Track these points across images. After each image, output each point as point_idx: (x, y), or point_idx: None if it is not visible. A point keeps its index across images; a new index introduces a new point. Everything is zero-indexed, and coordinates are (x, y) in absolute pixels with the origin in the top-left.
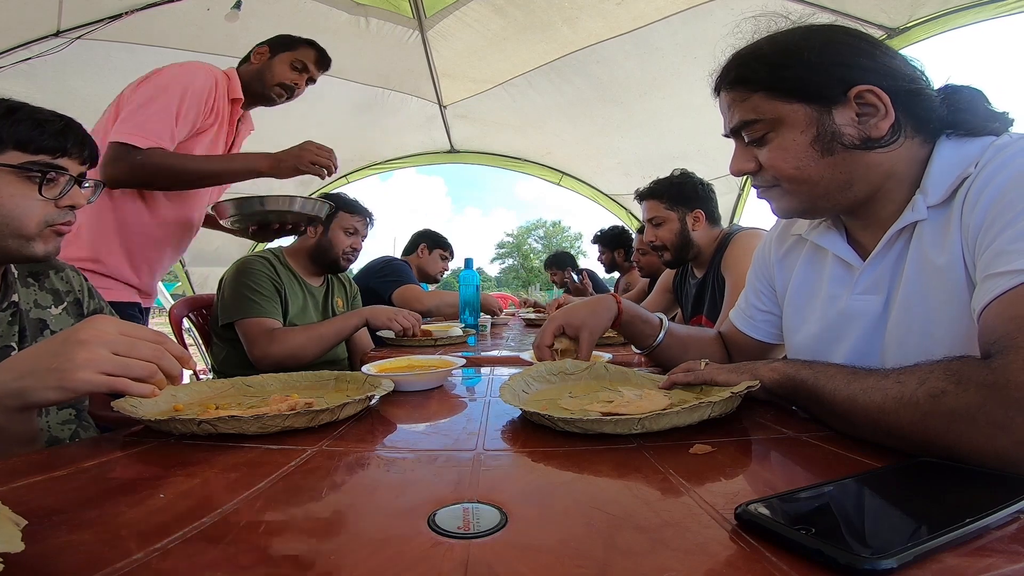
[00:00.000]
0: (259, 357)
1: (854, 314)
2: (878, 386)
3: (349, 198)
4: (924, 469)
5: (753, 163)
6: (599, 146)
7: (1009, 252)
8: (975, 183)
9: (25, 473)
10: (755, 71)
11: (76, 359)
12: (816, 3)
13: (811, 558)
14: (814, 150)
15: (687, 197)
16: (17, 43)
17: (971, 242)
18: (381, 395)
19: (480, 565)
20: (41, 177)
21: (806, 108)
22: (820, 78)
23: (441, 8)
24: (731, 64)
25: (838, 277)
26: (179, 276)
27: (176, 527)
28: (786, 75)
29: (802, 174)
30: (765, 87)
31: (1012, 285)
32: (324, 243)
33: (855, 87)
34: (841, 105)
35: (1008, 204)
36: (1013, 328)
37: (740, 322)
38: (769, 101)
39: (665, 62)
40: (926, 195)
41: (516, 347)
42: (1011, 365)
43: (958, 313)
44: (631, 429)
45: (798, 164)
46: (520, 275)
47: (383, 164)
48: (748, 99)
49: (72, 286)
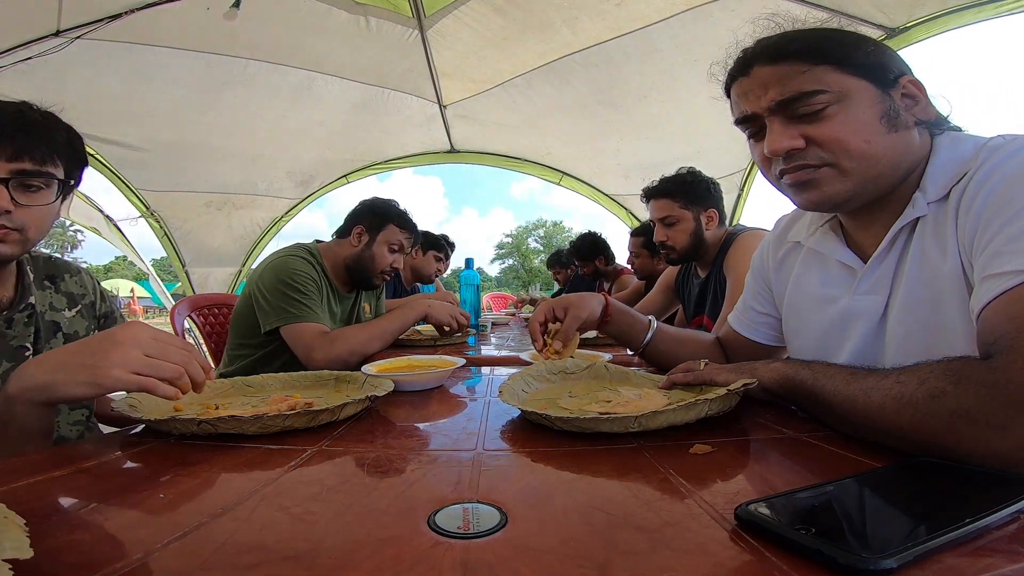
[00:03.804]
0: (321, 360)
1: (855, 315)
2: (878, 386)
3: (400, 208)
4: (924, 469)
5: (801, 140)
6: (599, 147)
7: (1006, 253)
8: (970, 184)
9: (25, 473)
10: (823, 45)
11: (111, 358)
12: (816, 3)
13: (811, 558)
14: (882, 125)
15: (701, 196)
16: (17, 43)
17: (967, 243)
18: (381, 395)
19: (480, 565)
20: None
21: (872, 86)
22: (882, 59)
23: (440, 7)
24: (786, 36)
25: (839, 280)
26: (179, 276)
27: (176, 527)
28: (856, 53)
29: (871, 148)
30: (835, 61)
31: (1011, 285)
32: (366, 256)
33: (904, 76)
34: (894, 90)
35: (1004, 205)
36: (1012, 328)
37: (739, 325)
38: (837, 74)
39: (665, 64)
40: (925, 192)
41: (516, 347)
42: (1011, 366)
43: (957, 312)
44: (628, 428)
45: (868, 137)
46: (520, 275)
47: (384, 164)
48: (810, 71)
49: (87, 289)
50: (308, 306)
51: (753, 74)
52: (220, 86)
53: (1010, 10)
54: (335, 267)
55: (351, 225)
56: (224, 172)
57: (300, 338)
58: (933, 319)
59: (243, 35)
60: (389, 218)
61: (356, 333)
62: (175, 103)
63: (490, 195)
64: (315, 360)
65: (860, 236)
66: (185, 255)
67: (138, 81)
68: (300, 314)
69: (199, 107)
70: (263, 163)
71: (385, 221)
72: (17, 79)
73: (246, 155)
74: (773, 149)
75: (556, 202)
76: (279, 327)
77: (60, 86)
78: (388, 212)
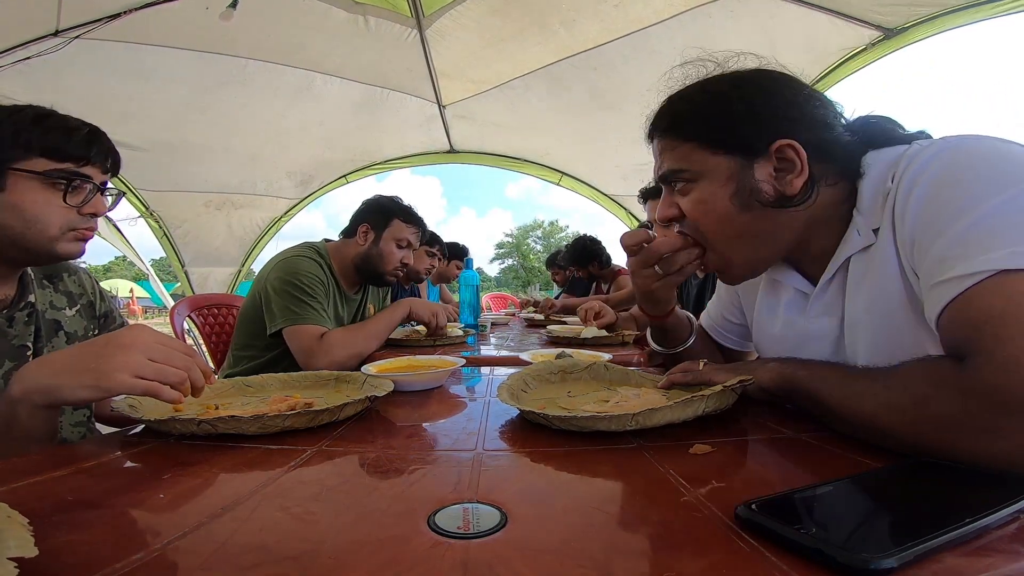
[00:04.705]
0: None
1: (812, 337)
2: (868, 391)
3: (405, 204)
4: (924, 469)
5: (676, 209)
6: (598, 148)
7: (950, 258)
8: (897, 197)
9: (25, 473)
10: (686, 120)
11: (115, 361)
12: (815, 3)
13: (811, 558)
14: (733, 205)
15: None
16: (16, 43)
17: (908, 254)
18: (381, 395)
19: (480, 565)
20: (66, 184)
21: (729, 161)
22: (746, 129)
23: (439, 7)
24: (664, 111)
25: (794, 304)
26: (179, 276)
27: (176, 527)
28: (715, 125)
29: (723, 229)
30: (695, 136)
31: (960, 291)
32: (374, 254)
33: (777, 141)
34: (763, 159)
35: (936, 212)
36: (972, 333)
37: (713, 332)
38: (698, 151)
39: (663, 65)
40: (866, 216)
41: (516, 347)
42: (983, 369)
43: (907, 322)
44: (626, 426)
45: (718, 217)
46: (520, 275)
47: (383, 164)
48: (678, 147)
49: (85, 288)
50: (313, 307)
51: (654, 142)
52: (219, 86)
53: (1008, 10)
54: (343, 267)
55: (356, 224)
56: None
57: (300, 340)
58: (887, 332)
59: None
60: (393, 214)
61: (354, 336)
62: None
63: (488, 195)
64: (315, 363)
65: (805, 264)
66: (184, 255)
67: (137, 81)
68: (304, 315)
69: (198, 107)
70: (262, 163)
71: (390, 217)
72: (17, 79)
73: (245, 155)
74: (659, 217)
75: (554, 202)
76: (283, 328)
77: (59, 86)
78: (392, 208)
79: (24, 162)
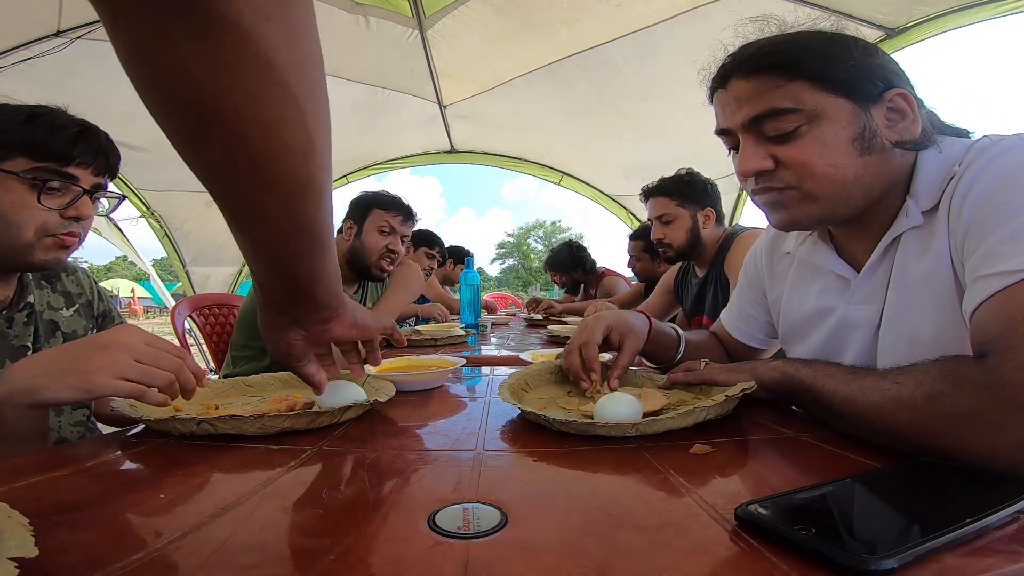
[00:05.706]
0: None
1: (852, 325)
2: (876, 387)
3: (387, 194)
4: (924, 469)
5: (770, 161)
6: (599, 148)
7: (998, 254)
8: (959, 186)
9: (25, 473)
10: (800, 58)
11: (100, 362)
12: (816, 3)
13: (811, 558)
14: (854, 148)
15: (698, 195)
16: (17, 43)
17: (959, 246)
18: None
19: (480, 565)
20: (40, 185)
21: (850, 104)
22: (865, 76)
23: (440, 8)
24: (763, 49)
25: (833, 290)
26: (180, 276)
27: (176, 527)
28: (836, 67)
29: (838, 173)
30: (811, 76)
31: (1003, 285)
32: (358, 246)
33: (891, 89)
34: (877, 106)
35: (995, 207)
36: (1005, 328)
37: (734, 329)
38: (812, 91)
39: (664, 65)
40: (917, 200)
41: (516, 347)
42: (1006, 365)
43: (944, 318)
44: (626, 433)
45: (836, 161)
46: (520, 275)
47: (384, 164)
48: (784, 86)
49: (83, 288)
50: None
51: (730, 87)
52: None
53: (1009, 10)
54: None
55: (342, 224)
56: None
57: None
58: (919, 326)
59: None
60: (372, 204)
61: None
62: None
63: (487, 194)
64: None
65: (850, 246)
66: (185, 255)
67: None
68: None
69: None
70: None
71: (369, 208)
72: (18, 79)
73: None
74: (743, 170)
75: (554, 201)
76: None
77: (61, 86)
78: (370, 199)
79: (6, 162)
